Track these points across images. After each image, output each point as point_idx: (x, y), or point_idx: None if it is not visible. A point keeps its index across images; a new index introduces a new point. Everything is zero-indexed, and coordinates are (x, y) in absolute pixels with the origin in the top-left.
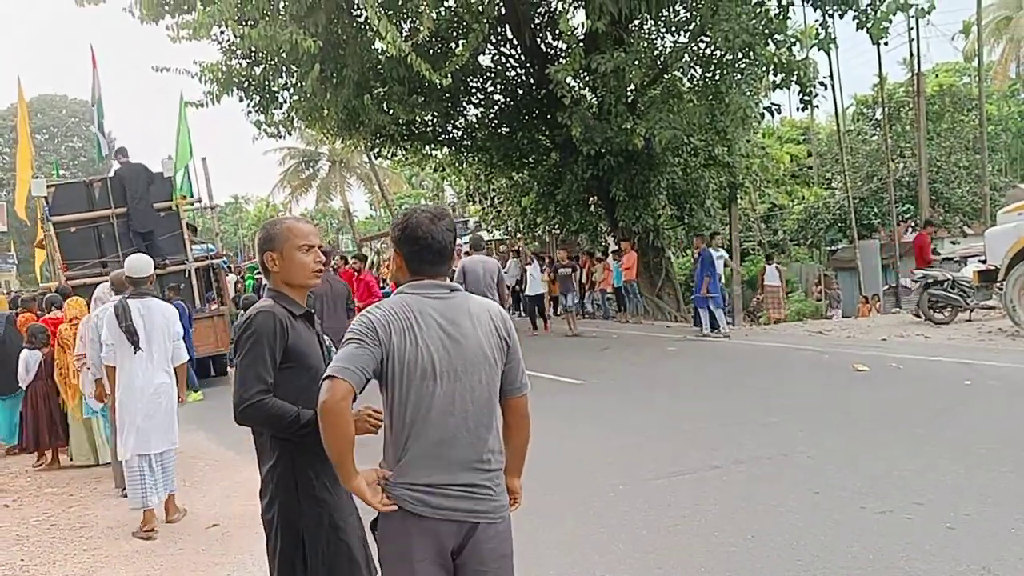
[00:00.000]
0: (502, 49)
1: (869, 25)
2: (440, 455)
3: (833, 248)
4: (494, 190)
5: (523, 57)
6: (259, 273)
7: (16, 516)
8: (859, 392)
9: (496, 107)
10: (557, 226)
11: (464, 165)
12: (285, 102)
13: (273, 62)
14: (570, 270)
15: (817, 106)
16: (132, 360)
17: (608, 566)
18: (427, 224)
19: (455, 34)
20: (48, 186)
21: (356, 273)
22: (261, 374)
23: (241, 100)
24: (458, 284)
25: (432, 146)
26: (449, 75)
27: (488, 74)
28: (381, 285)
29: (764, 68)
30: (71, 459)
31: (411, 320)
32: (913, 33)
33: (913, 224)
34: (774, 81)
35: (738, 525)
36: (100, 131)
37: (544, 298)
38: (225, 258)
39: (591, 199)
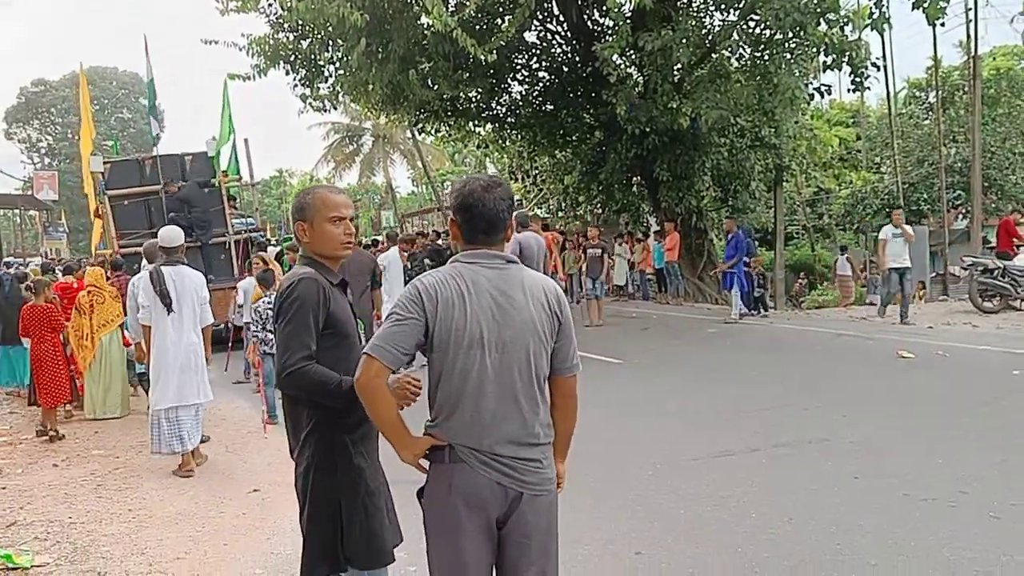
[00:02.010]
0: (548, 26)
1: (925, 5)
2: (486, 425)
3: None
4: (536, 168)
5: (569, 34)
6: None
7: (65, 476)
8: (904, 379)
9: (541, 84)
10: (599, 206)
11: (507, 142)
12: (331, 76)
13: (320, 36)
14: (600, 251)
15: (868, 88)
16: (165, 321)
17: (645, 545)
18: (480, 192)
19: (501, 10)
20: (104, 163)
21: None
22: (305, 340)
23: (287, 74)
24: (514, 257)
25: (476, 123)
26: (494, 51)
27: (533, 51)
28: None
29: (815, 48)
30: (86, 415)
31: (462, 289)
32: (971, 14)
33: (964, 211)
34: (825, 62)
35: (777, 508)
36: (152, 114)
37: (573, 279)
38: (261, 232)
39: (634, 179)
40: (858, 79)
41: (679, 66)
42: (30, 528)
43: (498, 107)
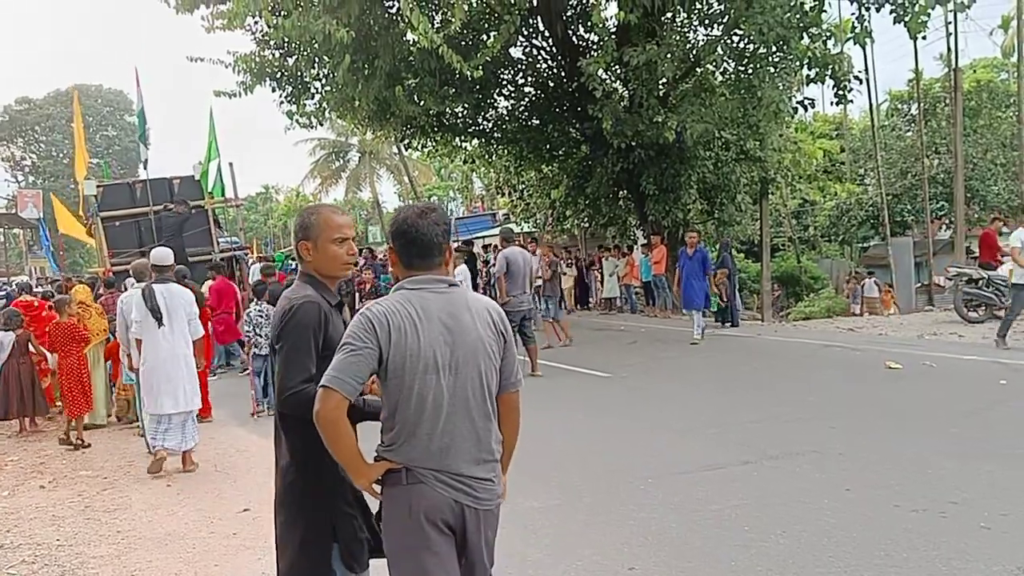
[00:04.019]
0: (534, 41)
1: (907, 19)
2: (445, 445)
3: (865, 245)
4: (523, 183)
5: (554, 49)
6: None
7: (52, 497)
8: (892, 390)
9: (527, 99)
10: (586, 219)
11: (494, 157)
12: (317, 92)
13: (306, 53)
14: (551, 270)
15: (851, 101)
16: (156, 334)
17: (637, 559)
18: (414, 218)
19: (487, 26)
20: (97, 186)
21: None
22: (305, 363)
23: (274, 90)
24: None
25: (462, 138)
26: (480, 67)
27: (519, 66)
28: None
29: (798, 62)
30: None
31: (412, 315)
32: (951, 27)
33: (948, 222)
34: (808, 75)
35: (769, 521)
36: (142, 141)
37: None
38: (246, 250)
39: (621, 193)
40: (841, 92)
41: (664, 80)
42: (17, 551)
43: (484, 122)
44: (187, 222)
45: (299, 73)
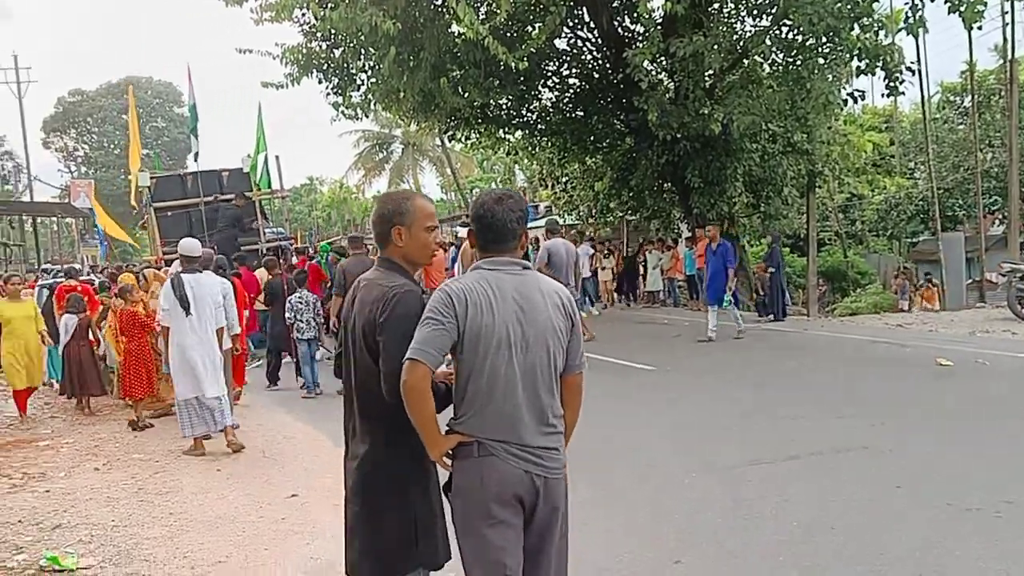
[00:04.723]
0: (579, 32)
1: (962, 8)
2: (514, 419)
3: (914, 240)
4: (567, 175)
5: (600, 41)
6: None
7: (106, 479)
8: (943, 387)
9: (571, 91)
10: (629, 212)
11: (537, 149)
12: (363, 84)
13: (352, 44)
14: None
15: (903, 93)
16: (184, 322)
17: (682, 553)
18: (491, 204)
19: (532, 17)
20: (151, 178)
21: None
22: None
23: (320, 82)
24: (542, 263)
25: (506, 130)
26: (525, 58)
27: (564, 58)
28: None
29: (848, 53)
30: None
31: (488, 293)
32: (1007, 17)
33: (1001, 217)
34: (858, 67)
35: (817, 517)
36: (194, 134)
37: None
38: (291, 240)
39: (665, 185)
40: (892, 84)
41: (711, 72)
42: (74, 531)
43: (528, 114)
44: (244, 214)
45: (345, 65)
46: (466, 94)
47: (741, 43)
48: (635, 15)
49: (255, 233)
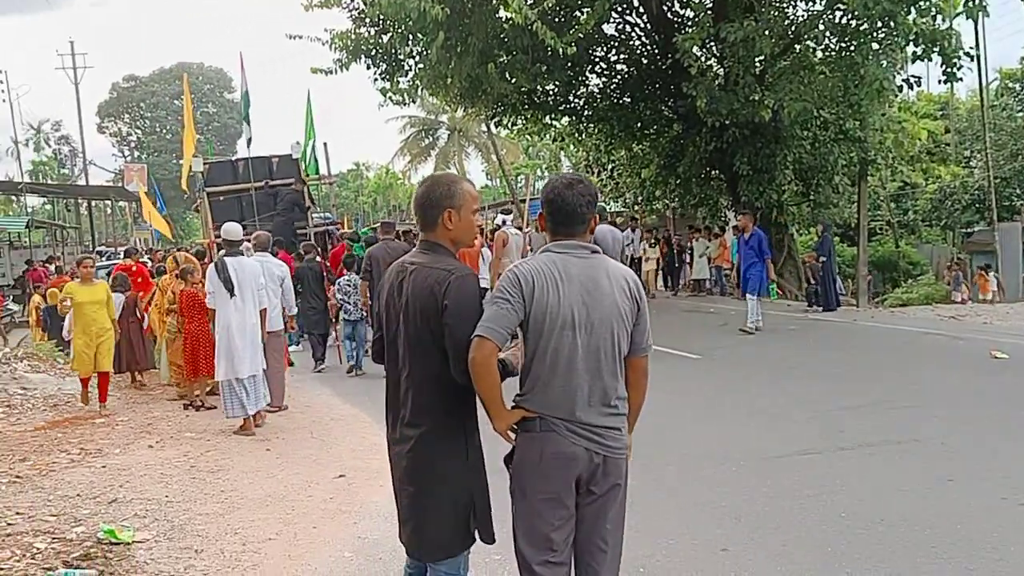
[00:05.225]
0: (627, 17)
1: None
2: (577, 397)
3: (969, 231)
4: (613, 161)
5: (648, 26)
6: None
7: (160, 456)
8: (998, 379)
9: (619, 77)
10: (676, 199)
11: (584, 136)
12: (410, 70)
13: (400, 30)
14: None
15: (960, 79)
16: (228, 304)
17: (729, 541)
18: (561, 189)
19: (580, 2)
20: (204, 163)
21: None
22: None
23: (368, 68)
24: (598, 248)
25: (552, 116)
26: (573, 43)
27: (612, 43)
28: None
29: (904, 38)
30: (161, 380)
31: (555, 275)
32: None
33: None
34: (914, 52)
35: (867, 508)
36: (246, 121)
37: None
38: (338, 225)
39: (713, 172)
40: (950, 70)
41: (761, 57)
42: (129, 505)
43: (575, 100)
44: (300, 198)
45: (393, 50)
46: (513, 80)
47: (793, 28)
48: (684, 0)
49: (303, 217)
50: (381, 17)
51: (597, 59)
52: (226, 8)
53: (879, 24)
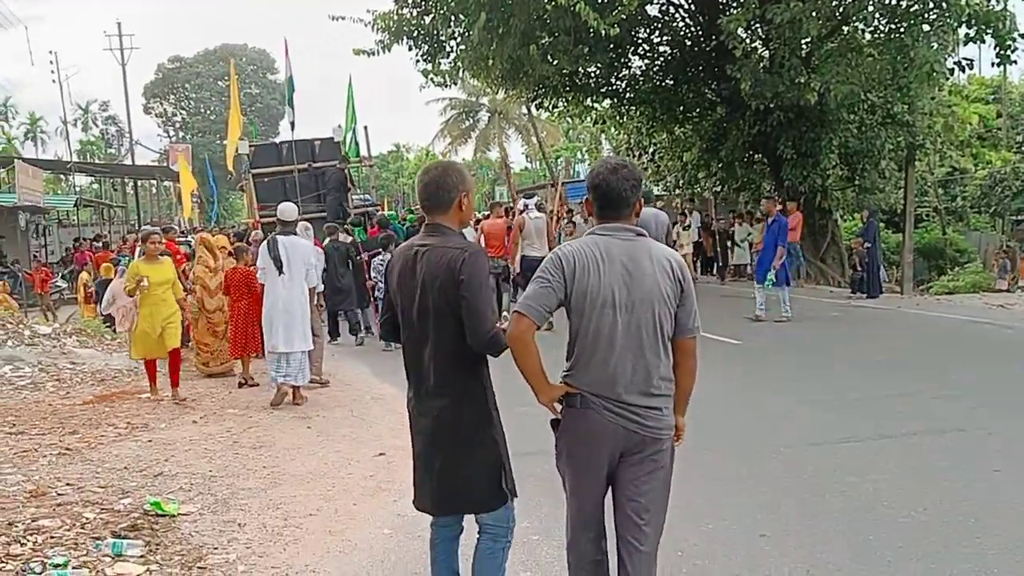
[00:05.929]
0: None
1: None
2: (615, 376)
3: (1019, 218)
4: (654, 145)
5: (693, 7)
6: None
7: (203, 432)
8: None
9: (662, 59)
10: (718, 183)
11: (625, 118)
12: (452, 51)
13: (442, 11)
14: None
15: (1015, 62)
16: (277, 281)
17: (768, 527)
18: (606, 174)
19: None
20: (250, 146)
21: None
22: (494, 307)
23: (410, 49)
24: (642, 230)
25: (594, 98)
26: (616, 24)
27: (655, 24)
28: None
29: (956, 19)
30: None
31: (597, 256)
32: None
33: None
34: (967, 34)
35: (909, 497)
36: (290, 104)
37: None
38: (378, 207)
39: (756, 156)
40: (1004, 52)
41: (808, 39)
42: (175, 479)
43: (617, 82)
44: (345, 179)
45: (435, 32)
46: (555, 61)
47: (841, 9)
48: None
49: (346, 198)
50: None
51: (640, 40)
52: None
53: (930, 5)
